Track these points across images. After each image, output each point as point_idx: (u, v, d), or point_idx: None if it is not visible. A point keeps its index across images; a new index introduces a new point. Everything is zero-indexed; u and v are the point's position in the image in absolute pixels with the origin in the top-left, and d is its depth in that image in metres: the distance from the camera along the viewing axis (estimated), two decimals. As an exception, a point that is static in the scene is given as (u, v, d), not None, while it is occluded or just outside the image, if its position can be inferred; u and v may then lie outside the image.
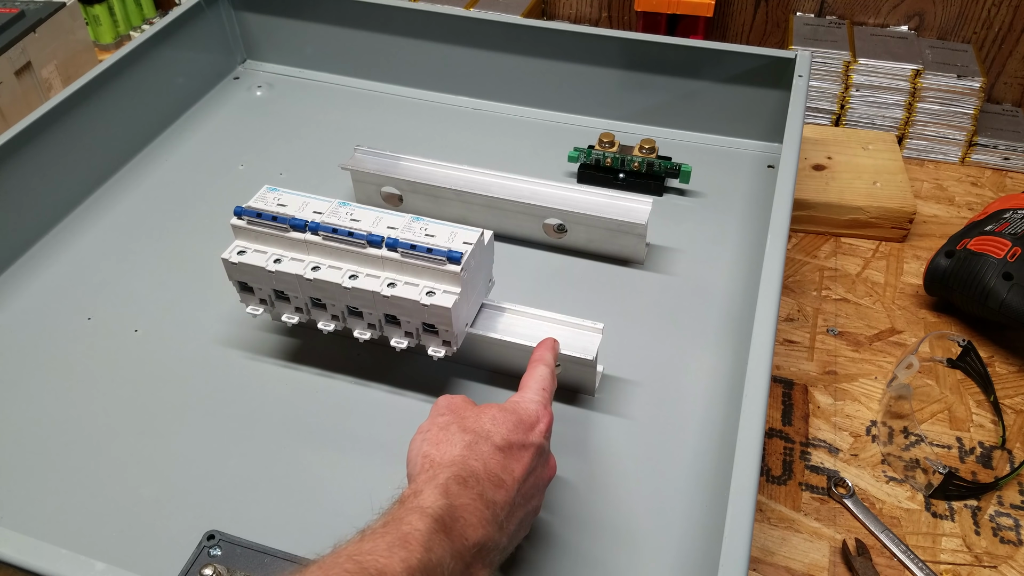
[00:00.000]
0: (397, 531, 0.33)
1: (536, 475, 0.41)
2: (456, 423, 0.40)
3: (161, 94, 0.78)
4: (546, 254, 0.65)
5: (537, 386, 0.44)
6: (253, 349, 0.57)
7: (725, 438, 0.50)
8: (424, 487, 0.35)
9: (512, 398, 0.43)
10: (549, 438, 0.43)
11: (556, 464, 0.44)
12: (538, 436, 0.41)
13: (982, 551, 0.57)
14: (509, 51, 0.78)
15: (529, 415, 0.41)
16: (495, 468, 0.38)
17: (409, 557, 0.31)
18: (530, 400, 0.42)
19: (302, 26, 0.85)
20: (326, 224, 0.49)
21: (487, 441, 0.39)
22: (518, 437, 0.40)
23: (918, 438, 0.63)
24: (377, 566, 0.30)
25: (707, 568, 0.44)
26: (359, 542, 0.32)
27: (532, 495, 0.41)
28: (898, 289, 0.77)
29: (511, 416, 0.41)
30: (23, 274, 0.64)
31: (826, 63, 0.94)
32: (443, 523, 0.34)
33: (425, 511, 0.34)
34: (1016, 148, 0.92)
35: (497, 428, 0.39)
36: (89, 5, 1.12)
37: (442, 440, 0.39)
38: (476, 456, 0.38)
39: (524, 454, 0.39)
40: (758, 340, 0.47)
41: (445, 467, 0.37)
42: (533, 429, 0.41)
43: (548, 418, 0.42)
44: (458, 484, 0.36)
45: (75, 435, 0.52)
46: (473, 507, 0.35)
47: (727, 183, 0.71)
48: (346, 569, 0.30)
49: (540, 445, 0.41)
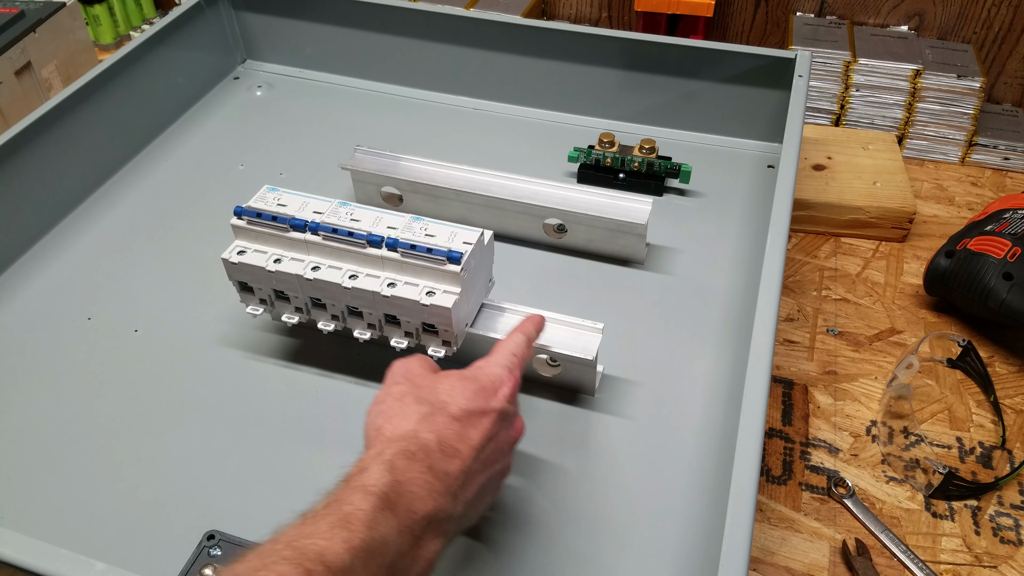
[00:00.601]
0: (339, 512, 0.32)
1: (498, 440, 0.40)
2: (412, 393, 0.39)
3: (161, 94, 0.78)
4: (546, 254, 0.65)
5: (507, 351, 0.43)
6: (253, 349, 0.57)
7: (725, 438, 0.50)
8: (370, 464, 0.35)
9: (476, 363, 0.42)
10: (514, 402, 0.42)
11: (524, 425, 0.43)
12: (500, 401, 0.40)
13: (982, 551, 0.57)
14: (509, 51, 0.78)
15: (491, 380, 0.41)
16: (450, 438, 0.37)
17: (351, 537, 0.31)
18: (494, 364, 0.42)
19: (302, 26, 0.85)
20: (326, 224, 0.49)
21: (443, 412, 0.38)
22: (477, 404, 0.39)
23: (918, 438, 0.63)
24: (316, 549, 0.30)
25: (707, 568, 0.44)
26: (300, 525, 0.31)
27: (494, 459, 0.40)
28: (898, 289, 0.77)
29: (470, 384, 0.40)
30: (23, 274, 0.64)
31: (826, 63, 0.94)
32: (388, 500, 0.33)
33: (369, 489, 0.33)
34: (1016, 148, 0.92)
35: (454, 398, 0.39)
36: (89, 5, 1.12)
37: (396, 413, 0.38)
38: (430, 428, 0.37)
39: (483, 420, 0.39)
40: (758, 340, 0.47)
41: (394, 442, 0.36)
42: (495, 394, 0.40)
43: (512, 382, 0.41)
44: (405, 459, 0.35)
45: (75, 435, 0.52)
46: (421, 480, 0.35)
47: (727, 183, 0.71)
48: (284, 556, 0.29)
49: (502, 410, 0.40)
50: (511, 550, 0.45)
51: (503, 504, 0.47)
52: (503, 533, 0.46)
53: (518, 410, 0.43)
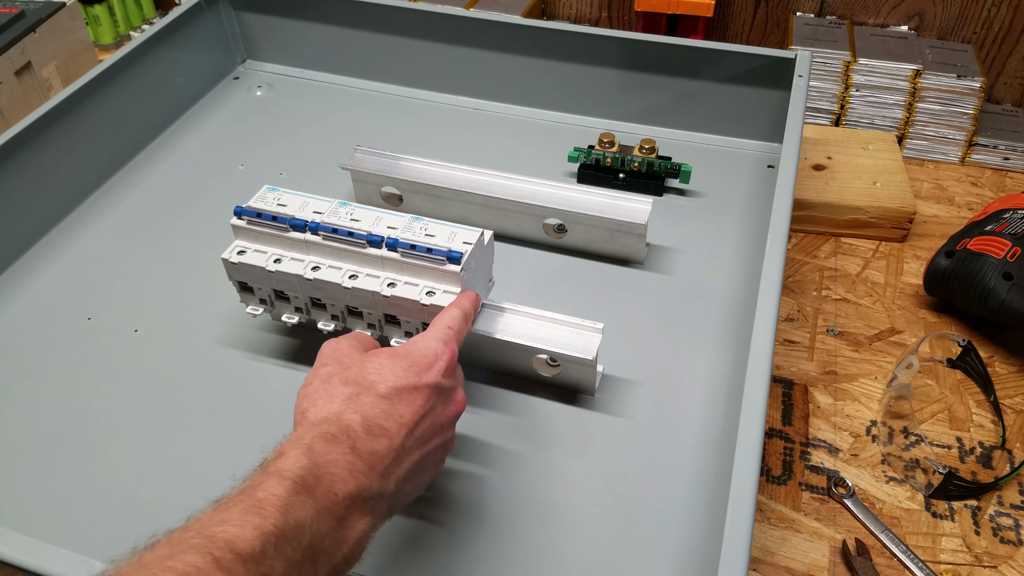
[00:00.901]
0: (252, 498, 0.31)
1: (434, 415, 0.40)
2: (339, 375, 0.39)
3: (161, 94, 0.78)
4: (546, 254, 0.65)
5: (442, 324, 0.43)
6: (253, 349, 0.57)
7: (725, 438, 0.50)
8: (288, 449, 0.34)
9: (412, 338, 0.42)
10: (451, 375, 0.41)
11: (465, 399, 0.43)
12: (434, 376, 0.39)
13: (982, 551, 0.57)
14: (509, 51, 0.78)
15: (425, 355, 0.40)
16: (376, 417, 0.37)
17: (263, 523, 0.30)
18: (429, 338, 0.41)
19: (302, 26, 0.85)
20: (326, 224, 0.49)
21: (370, 391, 0.38)
22: (408, 380, 0.38)
23: (918, 438, 0.63)
24: (227, 536, 0.29)
25: (707, 568, 0.44)
26: (212, 512, 0.31)
27: (432, 435, 0.39)
28: (898, 289, 0.77)
29: (401, 360, 0.39)
30: (23, 274, 0.64)
31: (826, 63, 0.94)
32: (304, 483, 0.32)
33: (284, 474, 0.32)
34: (1016, 148, 0.92)
35: (383, 376, 0.38)
36: (89, 5, 1.12)
37: (321, 395, 0.38)
38: (355, 408, 0.37)
39: (416, 396, 0.38)
40: (758, 340, 0.47)
41: (315, 425, 0.36)
42: (429, 369, 0.40)
43: (449, 355, 0.41)
44: (324, 441, 0.34)
45: (75, 435, 0.52)
46: (343, 462, 0.34)
47: (727, 183, 0.71)
48: (192, 545, 0.28)
49: (435, 384, 0.39)
50: (510, 550, 0.45)
51: (503, 504, 0.47)
52: (502, 533, 0.46)
53: (459, 384, 0.42)
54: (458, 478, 0.49)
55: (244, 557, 0.29)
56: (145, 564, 0.28)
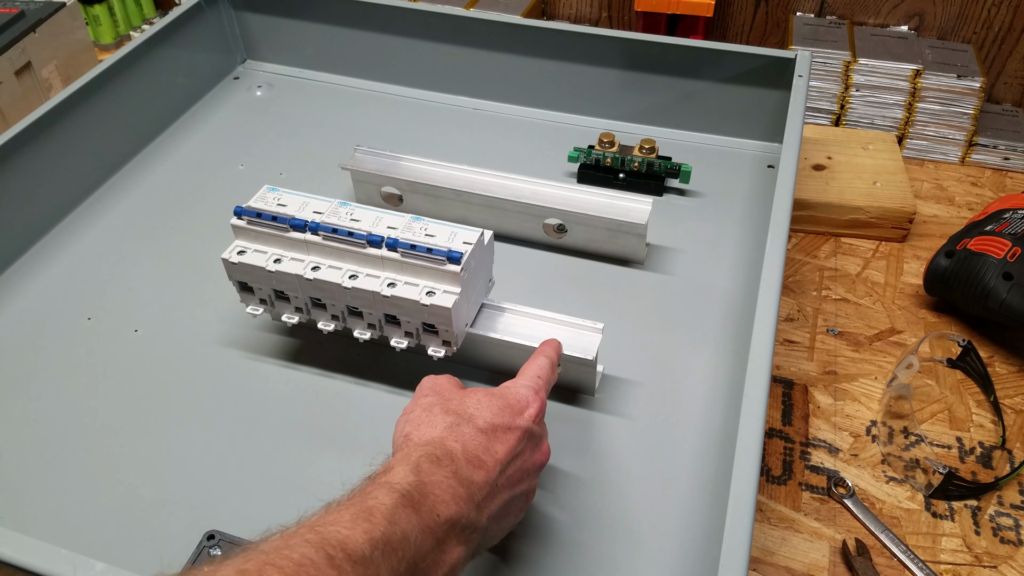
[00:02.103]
0: (362, 504, 0.32)
1: (523, 459, 0.40)
2: (440, 405, 0.40)
3: (161, 94, 0.78)
4: (546, 254, 0.65)
5: (532, 374, 0.44)
6: (253, 349, 0.57)
7: (725, 438, 0.50)
8: (396, 464, 0.35)
9: (504, 383, 0.43)
10: (540, 423, 0.42)
11: (550, 450, 0.44)
12: (526, 420, 0.40)
13: (982, 551, 0.57)
14: (509, 51, 0.78)
15: (518, 400, 0.41)
16: (475, 449, 0.38)
17: (372, 529, 0.31)
18: (522, 385, 0.42)
19: (302, 26, 0.85)
20: (326, 224, 0.49)
21: (469, 423, 0.39)
22: (503, 420, 0.40)
23: (918, 438, 0.63)
24: (339, 537, 0.30)
25: (707, 568, 0.44)
26: (323, 514, 0.32)
27: (519, 479, 0.40)
28: (898, 289, 0.77)
29: (498, 400, 0.40)
30: (23, 274, 0.64)
31: (826, 63, 0.94)
32: (411, 498, 0.33)
33: (393, 486, 0.34)
34: (1016, 148, 0.92)
35: (481, 411, 0.39)
36: (89, 5, 1.12)
37: (424, 421, 0.39)
38: (456, 437, 0.38)
39: (509, 437, 0.39)
40: (758, 340, 0.47)
41: (421, 447, 0.37)
42: (522, 413, 0.41)
43: (539, 404, 0.42)
44: (430, 462, 0.36)
45: (75, 435, 0.52)
46: (446, 484, 0.35)
47: (727, 183, 0.71)
48: (307, 540, 0.30)
49: (527, 429, 0.40)
50: (510, 549, 0.45)
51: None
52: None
53: (545, 434, 0.43)
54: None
55: (354, 559, 0.30)
56: (262, 551, 0.30)
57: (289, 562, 0.29)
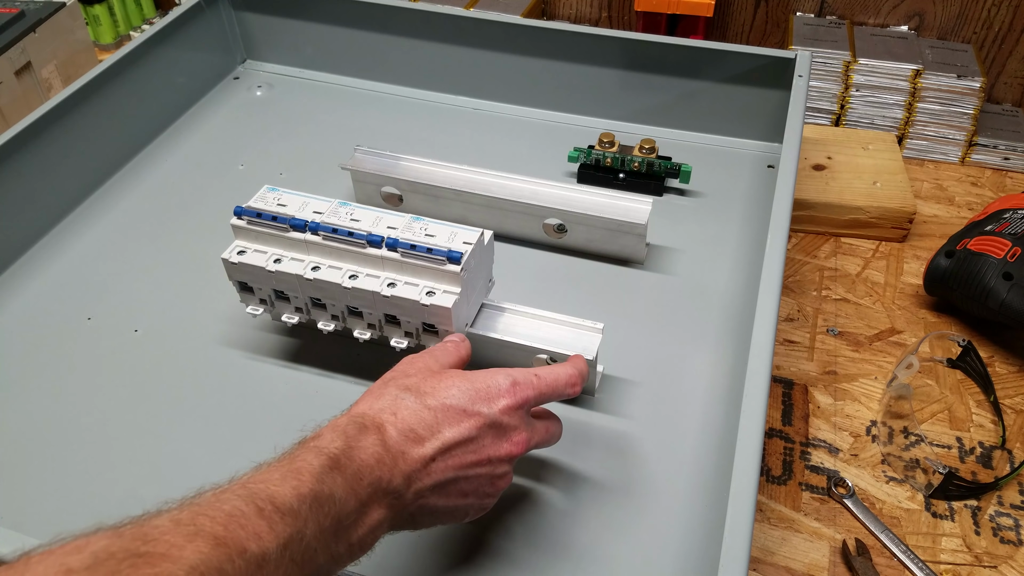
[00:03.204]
0: (291, 465, 0.34)
1: (479, 445, 0.39)
2: (397, 381, 0.40)
3: (161, 94, 0.78)
4: (546, 254, 0.65)
5: (531, 370, 0.43)
6: (253, 349, 0.57)
7: (725, 438, 0.50)
8: (325, 431, 0.37)
9: (495, 368, 0.42)
10: (515, 415, 0.41)
11: (526, 442, 0.42)
12: (492, 409, 0.40)
13: (982, 551, 0.57)
14: (509, 51, 0.78)
15: (490, 388, 0.40)
16: (413, 423, 0.38)
17: (300, 486, 0.33)
18: (503, 374, 0.41)
19: (302, 26, 0.85)
20: (326, 224, 0.49)
21: (418, 399, 0.39)
22: (463, 403, 0.39)
23: (918, 438, 0.63)
24: (268, 492, 0.32)
25: (707, 568, 0.44)
26: (254, 474, 0.34)
27: (472, 463, 0.39)
28: (898, 289, 0.77)
29: (468, 384, 0.40)
30: (23, 274, 0.64)
31: (826, 63, 0.94)
32: (337, 461, 0.35)
33: (321, 450, 0.35)
34: (1016, 148, 0.92)
35: (436, 391, 0.39)
36: (89, 5, 1.12)
37: (374, 393, 0.40)
38: (394, 410, 0.38)
39: (464, 421, 0.39)
40: (758, 340, 0.47)
41: (354, 416, 0.38)
42: (488, 400, 0.40)
43: (515, 398, 0.41)
44: (357, 429, 0.37)
45: (75, 435, 0.52)
46: (372, 451, 0.36)
47: (727, 183, 0.71)
48: (237, 494, 0.32)
49: (491, 417, 0.40)
50: (510, 549, 0.45)
51: (503, 504, 0.47)
52: (502, 532, 0.46)
53: (523, 427, 0.41)
54: (458, 478, 0.49)
55: (283, 511, 0.32)
56: (196, 504, 0.31)
57: (221, 513, 0.30)
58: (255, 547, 0.30)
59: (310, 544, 0.32)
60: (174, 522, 0.30)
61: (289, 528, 0.31)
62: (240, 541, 0.30)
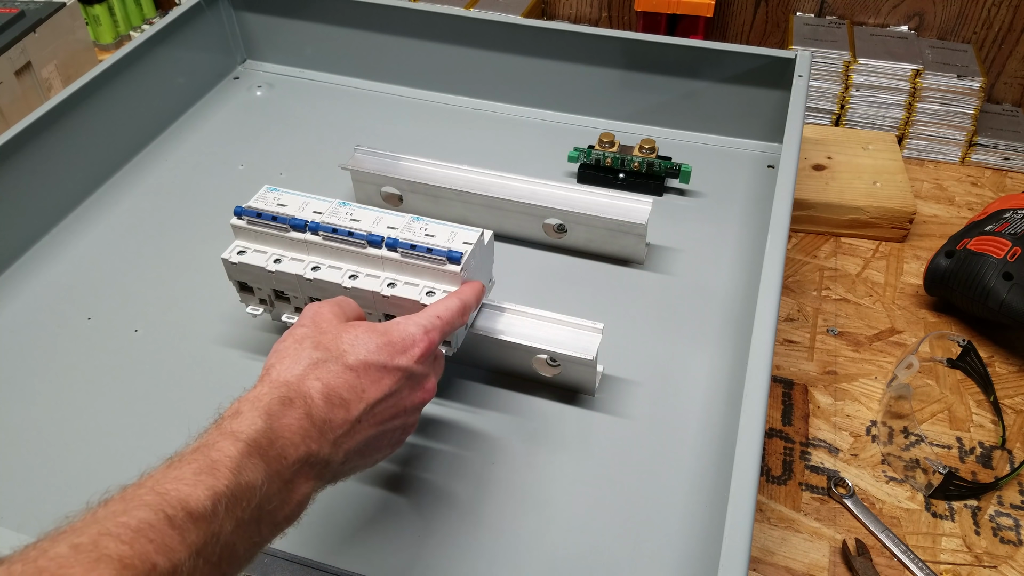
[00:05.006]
0: (206, 457, 0.32)
1: (398, 397, 0.40)
2: (312, 338, 0.39)
3: (161, 94, 0.78)
4: (546, 254, 0.65)
5: (431, 312, 0.43)
6: (253, 349, 0.57)
7: (725, 438, 0.50)
8: (244, 409, 0.35)
9: (397, 318, 0.42)
10: (425, 363, 0.41)
11: (435, 388, 0.43)
12: (407, 360, 0.40)
13: (982, 551, 0.57)
14: (509, 51, 0.78)
15: (403, 338, 0.40)
16: (338, 388, 0.37)
17: (216, 484, 0.30)
18: (412, 322, 0.41)
19: (302, 26, 0.85)
20: (326, 224, 0.49)
21: (338, 360, 0.38)
22: (380, 359, 0.39)
23: (918, 438, 0.63)
24: (180, 495, 0.29)
25: (707, 568, 0.44)
26: (165, 469, 0.31)
27: (391, 416, 0.40)
28: (898, 289, 0.77)
29: (378, 337, 0.39)
30: (23, 274, 0.64)
31: (826, 63, 0.94)
32: (258, 446, 0.33)
33: (238, 436, 0.33)
34: (1016, 148, 0.92)
35: (355, 348, 0.38)
36: (89, 5, 1.12)
37: (289, 354, 0.38)
38: (317, 376, 0.37)
39: (383, 376, 0.39)
40: (758, 340, 0.47)
41: (275, 387, 0.36)
42: (404, 352, 0.40)
43: (426, 344, 0.41)
44: (281, 404, 0.35)
45: (75, 435, 0.52)
46: (297, 426, 0.35)
47: (727, 183, 0.71)
48: (145, 502, 0.29)
49: (406, 368, 0.39)
50: (511, 549, 0.45)
51: (503, 504, 0.47)
52: (503, 533, 0.46)
53: (433, 372, 0.42)
54: (459, 478, 0.49)
55: (196, 516, 0.29)
56: (98, 519, 0.29)
57: (126, 529, 0.28)
58: (164, 562, 0.28)
59: (227, 542, 0.30)
60: (73, 548, 0.27)
61: (204, 534, 0.29)
62: (148, 557, 0.27)
